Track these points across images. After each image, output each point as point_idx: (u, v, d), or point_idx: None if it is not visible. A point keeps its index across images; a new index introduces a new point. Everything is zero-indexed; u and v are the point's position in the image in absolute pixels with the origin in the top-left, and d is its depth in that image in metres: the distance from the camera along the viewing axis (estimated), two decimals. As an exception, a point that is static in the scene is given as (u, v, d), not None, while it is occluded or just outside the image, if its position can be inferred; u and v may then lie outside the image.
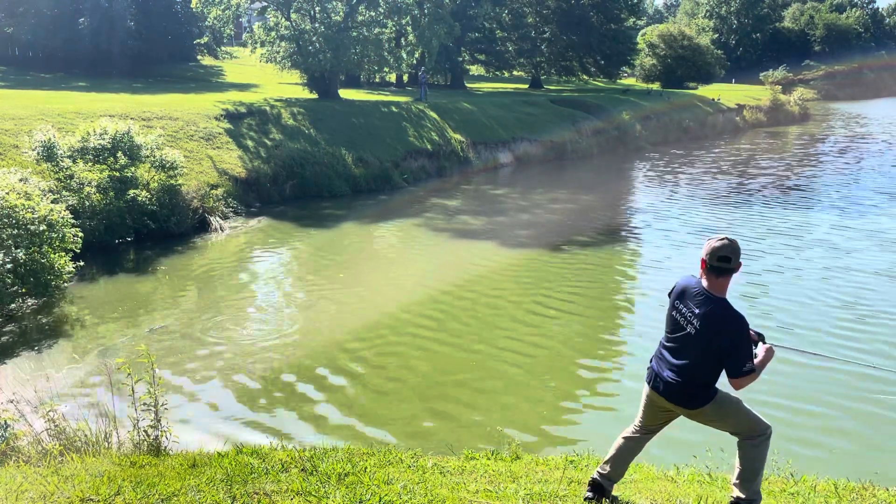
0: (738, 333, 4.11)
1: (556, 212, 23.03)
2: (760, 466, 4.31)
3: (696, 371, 4.24)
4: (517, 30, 54.81)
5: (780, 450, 6.94)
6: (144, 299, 14.08)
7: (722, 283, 4.19)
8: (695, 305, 4.21)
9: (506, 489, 5.00)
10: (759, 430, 4.30)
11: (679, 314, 4.31)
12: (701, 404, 4.28)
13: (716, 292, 4.19)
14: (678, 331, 4.32)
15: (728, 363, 4.12)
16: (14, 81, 34.39)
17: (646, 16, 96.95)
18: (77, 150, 17.63)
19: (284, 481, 4.86)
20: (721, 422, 4.36)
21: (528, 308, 13.27)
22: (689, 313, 4.24)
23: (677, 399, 4.34)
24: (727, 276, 4.18)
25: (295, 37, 33.82)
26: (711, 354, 4.16)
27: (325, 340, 11.72)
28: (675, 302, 4.37)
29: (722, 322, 4.12)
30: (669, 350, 4.39)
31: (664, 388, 4.37)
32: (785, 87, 69.23)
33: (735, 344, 4.10)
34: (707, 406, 4.27)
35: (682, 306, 4.29)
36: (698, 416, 4.37)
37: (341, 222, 21.38)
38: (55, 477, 4.77)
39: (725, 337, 4.11)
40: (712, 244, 4.19)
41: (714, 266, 4.16)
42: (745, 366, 4.09)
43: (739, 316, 4.13)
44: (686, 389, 4.29)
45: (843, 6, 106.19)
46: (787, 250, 17.18)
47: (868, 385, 9.83)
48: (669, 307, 4.43)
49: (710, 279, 4.20)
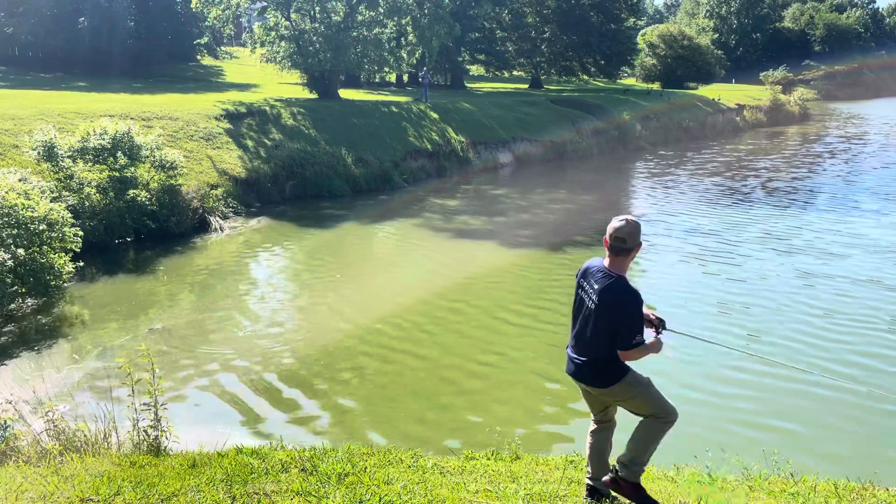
0: (631, 308, 4.33)
1: (556, 212, 23.03)
2: (653, 449, 4.51)
3: (600, 345, 4.41)
4: (517, 30, 54.79)
5: (781, 450, 6.94)
6: (144, 299, 14.07)
7: (620, 261, 4.43)
8: (595, 282, 4.45)
9: (506, 489, 5.00)
10: (665, 413, 4.46)
11: (583, 291, 4.54)
12: (610, 383, 4.44)
13: (615, 269, 4.43)
14: (581, 307, 4.54)
15: (618, 335, 4.33)
16: (14, 81, 34.40)
17: (646, 16, 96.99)
18: (77, 150, 17.63)
19: (284, 481, 4.85)
20: (630, 402, 4.52)
21: (527, 308, 13.26)
22: (590, 289, 4.47)
23: (586, 378, 4.52)
24: (625, 255, 4.42)
25: (295, 37, 33.82)
26: (609, 328, 4.36)
27: (325, 340, 11.71)
28: (580, 280, 4.60)
29: (618, 295, 4.34)
30: (575, 329, 4.59)
31: (575, 370, 4.58)
32: (785, 87, 69.19)
33: (627, 317, 4.32)
34: (616, 385, 4.43)
35: (586, 283, 4.53)
36: (609, 396, 4.53)
37: (341, 222, 21.38)
38: (55, 477, 4.77)
39: (619, 311, 4.33)
40: (613, 224, 4.44)
41: (612, 245, 4.42)
42: (634, 339, 4.31)
43: (634, 292, 4.36)
44: (593, 367, 4.47)
45: (843, 6, 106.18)
46: (775, 253, 17.06)
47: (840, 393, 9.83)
48: (576, 287, 4.64)
49: (610, 257, 4.46)
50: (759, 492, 5.26)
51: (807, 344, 11.31)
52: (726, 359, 10.77)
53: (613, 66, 57.26)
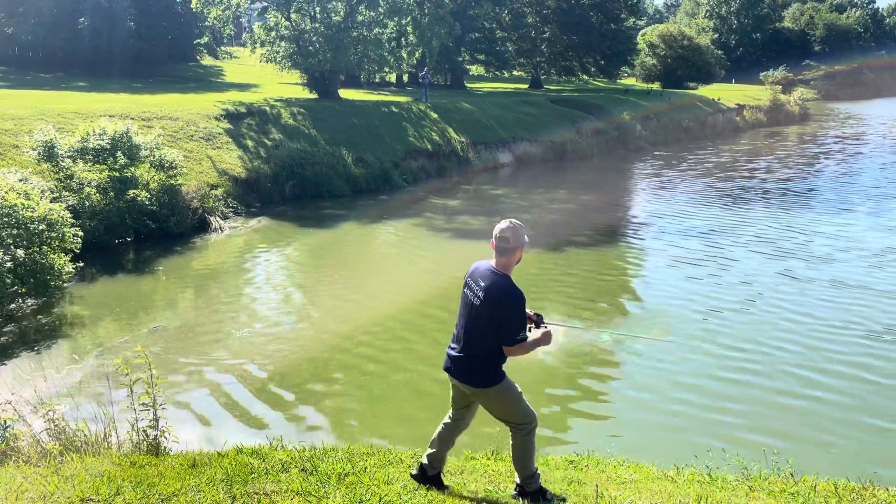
0: (514, 306, 4.52)
1: (556, 212, 23.03)
2: (532, 452, 4.72)
3: (482, 342, 4.57)
4: (517, 30, 54.78)
5: (781, 449, 6.94)
6: (144, 299, 14.07)
7: (504, 261, 4.64)
8: (481, 279, 4.64)
9: (506, 489, 5.00)
10: (527, 420, 4.69)
11: (469, 289, 4.71)
12: (486, 385, 4.61)
13: (500, 269, 4.63)
14: (466, 305, 4.70)
15: (503, 331, 4.51)
16: (14, 81, 34.39)
17: (646, 16, 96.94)
18: (77, 150, 17.62)
19: (284, 481, 4.85)
20: (500, 408, 4.70)
21: (527, 308, 13.25)
22: (476, 287, 4.65)
23: (462, 376, 4.68)
24: (509, 255, 4.62)
25: (295, 37, 33.82)
26: (491, 323, 4.52)
27: (325, 340, 11.71)
28: (467, 279, 4.76)
29: (502, 293, 4.52)
30: (459, 327, 4.74)
31: (452, 366, 4.73)
32: (785, 87, 69.18)
33: (510, 314, 4.50)
34: (491, 388, 4.61)
35: (472, 282, 4.70)
36: (481, 398, 4.69)
37: (341, 222, 21.38)
38: (55, 477, 4.77)
39: (503, 307, 4.50)
40: (498, 226, 4.67)
41: (497, 245, 4.64)
42: (518, 335, 4.51)
43: (517, 291, 4.56)
44: (471, 365, 4.62)
45: (843, 6, 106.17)
46: (763, 257, 16.93)
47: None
48: (463, 286, 4.79)
49: (496, 257, 4.67)
50: (759, 492, 5.26)
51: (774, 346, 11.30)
52: (727, 360, 10.77)
53: (613, 66, 57.25)
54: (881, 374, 10.23)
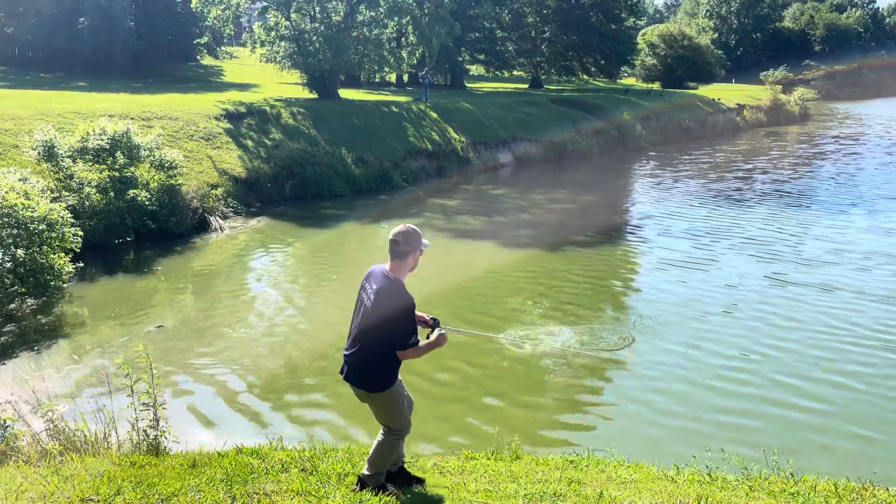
0: (403, 310, 4.56)
1: (556, 212, 23.02)
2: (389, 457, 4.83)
3: (373, 345, 4.62)
4: (517, 30, 54.77)
5: (781, 449, 6.94)
6: (144, 299, 14.07)
7: (397, 264, 4.68)
8: (374, 283, 4.71)
9: (506, 489, 5.01)
10: (401, 429, 4.79)
11: (363, 291, 4.78)
12: (377, 390, 4.67)
13: (393, 273, 4.68)
14: (360, 307, 4.77)
15: (394, 336, 4.57)
16: (14, 81, 34.40)
17: (646, 16, 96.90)
18: (77, 150, 17.62)
19: (284, 481, 4.86)
20: (383, 411, 4.78)
21: (527, 308, 13.27)
22: (369, 289, 4.72)
23: (354, 379, 4.73)
24: (400, 259, 4.67)
25: (295, 37, 33.82)
26: (382, 327, 4.57)
27: (325, 340, 11.71)
28: (363, 282, 4.83)
29: (391, 297, 4.57)
30: (353, 329, 4.78)
31: (346, 371, 4.77)
32: (785, 87, 69.19)
33: (400, 318, 4.55)
34: (381, 393, 4.67)
35: (367, 284, 4.78)
36: (370, 401, 4.76)
37: (341, 222, 21.37)
38: (55, 477, 4.77)
39: (393, 312, 4.55)
40: (393, 229, 4.73)
41: (390, 249, 4.69)
42: (409, 339, 4.56)
43: (407, 296, 4.59)
44: (361, 369, 4.67)
45: (844, 6, 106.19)
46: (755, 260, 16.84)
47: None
48: (359, 289, 4.86)
49: (390, 261, 4.72)
50: (759, 492, 5.26)
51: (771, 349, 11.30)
52: (726, 360, 10.78)
53: (613, 65, 57.24)
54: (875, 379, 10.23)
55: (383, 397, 4.68)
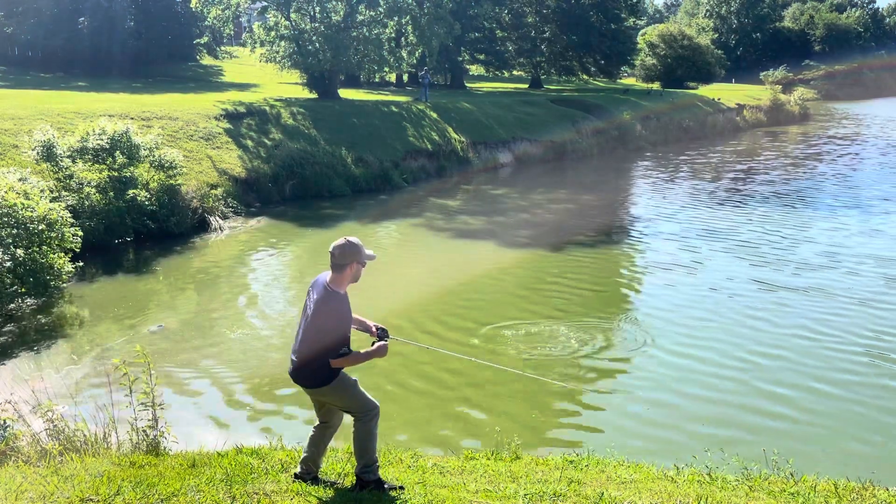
0: (334, 321, 4.71)
1: (556, 212, 23.02)
2: (371, 441, 4.87)
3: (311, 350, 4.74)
4: (517, 30, 54.77)
5: (781, 450, 6.94)
6: (144, 299, 14.06)
7: (336, 277, 4.81)
8: (315, 293, 4.84)
9: (506, 489, 5.00)
10: (366, 410, 4.83)
11: (308, 299, 4.90)
12: (320, 384, 4.77)
13: (333, 285, 4.80)
14: (303, 313, 4.90)
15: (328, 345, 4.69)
16: (14, 81, 34.38)
17: (646, 16, 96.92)
18: (76, 150, 17.61)
19: (284, 481, 4.85)
20: (339, 401, 4.88)
21: (527, 308, 13.26)
22: (310, 300, 4.85)
23: (299, 379, 4.84)
24: (339, 272, 4.79)
25: (295, 37, 33.82)
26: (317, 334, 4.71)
27: (324, 340, 11.69)
28: (309, 290, 4.96)
29: (325, 309, 4.71)
30: (297, 335, 4.91)
31: (292, 371, 4.89)
32: (785, 86, 69.20)
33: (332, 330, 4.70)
34: (326, 387, 4.76)
35: (311, 292, 4.90)
36: (321, 395, 4.86)
37: (341, 222, 21.37)
38: (55, 477, 4.76)
39: (326, 322, 4.70)
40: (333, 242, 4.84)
41: (330, 261, 4.81)
42: (340, 349, 4.69)
43: (342, 309, 4.75)
44: (304, 369, 4.79)
45: (843, 6, 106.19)
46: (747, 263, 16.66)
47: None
48: (306, 296, 4.98)
49: (331, 273, 4.85)
50: (759, 492, 5.25)
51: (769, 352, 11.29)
52: (726, 360, 10.78)
53: (613, 65, 57.23)
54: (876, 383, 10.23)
55: (333, 388, 4.78)
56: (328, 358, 4.68)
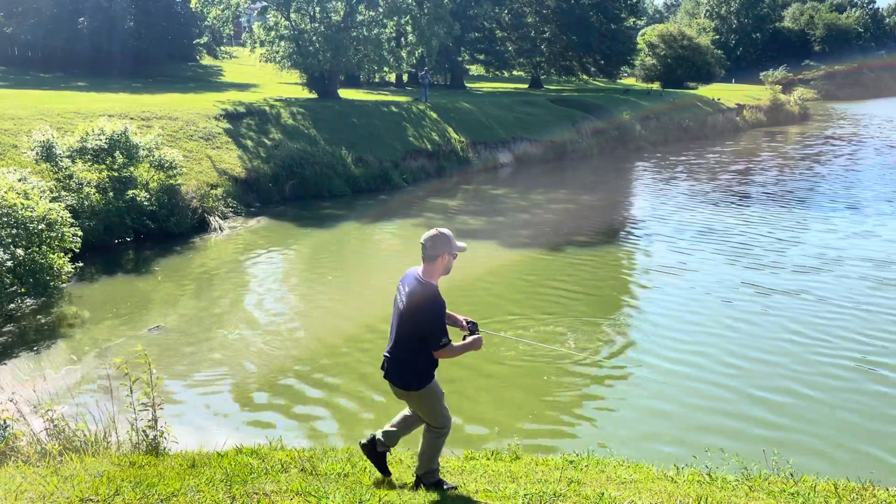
0: (432, 312, 4.67)
1: (555, 212, 23.02)
2: (437, 454, 4.98)
3: (406, 346, 4.75)
4: (517, 30, 54.76)
5: (780, 450, 6.94)
6: (143, 299, 14.06)
7: (428, 268, 4.78)
8: (406, 286, 4.81)
9: (506, 489, 5.00)
10: (442, 426, 4.90)
11: (398, 293, 4.88)
12: (413, 388, 4.78)
13: (425, 276, 4.77)
14: (395, 309, 4.89)
15: (427, 337, 4.67)
16: (14, 81, 34.38)
17: (646, 16, 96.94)
18: (76, 150, 17.61)
19: (284, 481, 4.85)
20: (420, 409, 4.91)
21: (527, 308, 13.26)
22: (402, 292, 4.83)
23: (392, 377, 4.84)
24: (430, 263, 4.77)
25: (294, 37, 33.81)
26: (414, 328, 4.69)
27: (324, 340, 11.71)
28: (399, 285, 4.92)
29: (421, 300, 4.68)
30: (391, 330, 4.91)
31: (386, 369, 4.88)
32: (785, 87, 69.21)
33: (430, 321, 4.65)
34: (415, 392, 4.79)
35: (401, 287, 4.88)
36: (408, 399, 4.88)
37: (341, 222, 21.37)
38: (55, 477, 4.76)
39: (423, 314, 4.66)
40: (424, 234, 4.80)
41: (422, 253, 4.78)
42: (440, 340, 4.65)
43: (437, 299, 4.71)
44: (398, 367, 4.80)
45: (843, 6, 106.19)
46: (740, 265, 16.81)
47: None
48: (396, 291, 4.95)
49: (422, 265, 4.82)
50: (759, 492, 5.25)
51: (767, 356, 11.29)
52: (726, 358, 10.78)
53: (613, 66, 57.23)
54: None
55: (420, 395, 4.80)
56: (429, 350, 4.68)
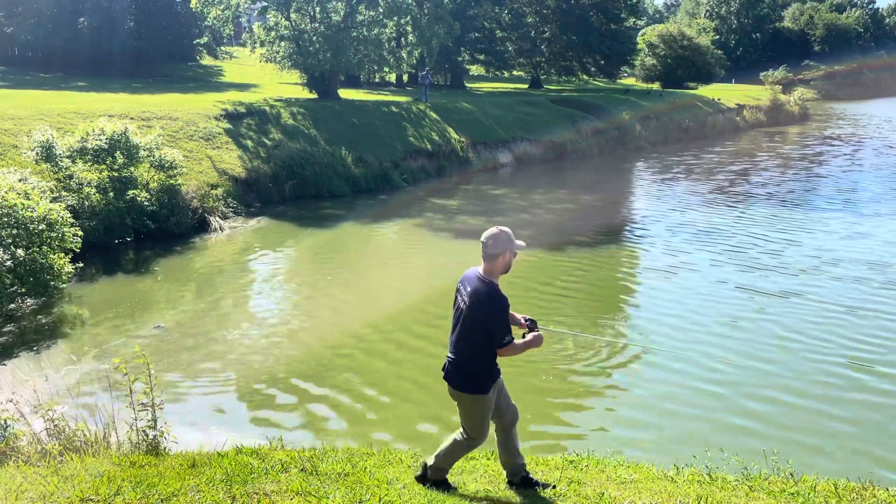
0: (496, 310, 4.68)
1: (556, 212, 23.03)
2: (455, 459, 5.06)
3: (468, 346, 4.77)
4: (517, 30, 54.75)
5: (781, 449, 6.94)
6: (144, 300, 14.07)
7: (489, 266, 4.77)
8: (468, 285, 4.82)
9: (506, 489, 5.00)
10: (477, 437, 4.91)
11: (459, 294, 4.91)
12: (465, 391, 4.80)
13: (486, 275, 4.77)
14: (456, 310, 4.91)
15: (491, 335, 4.69)
16: (14, 81, 34.37)
17: (646, 16, 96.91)
18: (76, 150, 17.61)
19: (284, 481, 4.85)
20: (465, 413, 4.91)
21: (527, 308, 13.26)
22: (464, 291, 4.84)
23: (451, 379, 4.86)
24: (491, 261, 4.75)
25: (295, 37, 33.81)
26: (478, 327, 4.71)
27: (325, 340, 11.71)
28: (458, 285, 4.95)
29: (484, 298, 4.68)
30: (453, 332, 4.94)
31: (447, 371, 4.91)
32: (785, 87, 69.21)
33: (494, 319, 4.67)
34: (469, 395, 4.80)
35: (462, 287, 4.90)
36: (459, 399, 4.89)
37: (341, 222, 21.37)
38: (55, 477, 4.76)
39: (487, 312, 4.67)
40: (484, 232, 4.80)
41: (482, 252, 4.78)
42: (504, 338, 4.67)
43: (501, 296, 4.71)
44: (457, 368, 4.81)
45: (843, 6, 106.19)
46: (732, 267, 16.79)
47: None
48: (455, 291, 4.99)
49: (483, 263, 4.81)
50: (759, 492, 5.25)
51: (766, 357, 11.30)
52: (726, 357, 10.78)
53: (613, 66, 57.20)
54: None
55: (473, 401, 4.80)
56: (493, 350, 4.69)
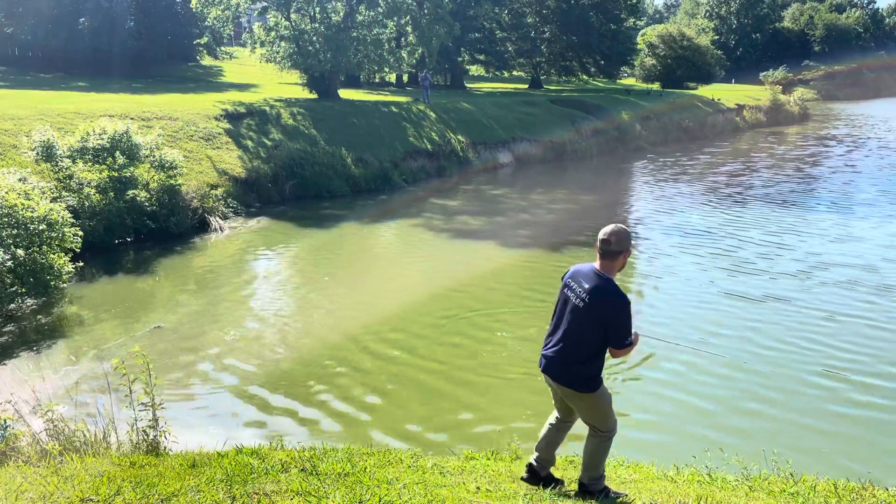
0: (621, 308, 4.55)
1: (555, 212, 23.03)
2: (603, 458, 4.88)
3: (582, 344, 4.64)
4: (517, 30, 54.76)
5: (781, 450, 6.95)
6: (144, 300, 14.07)
7: (607, 264, 4.67)
8: (584, 281, 4.67)
9: (506, 489, 5.00)
10: (609, 429, 4.81)
11: (570, 291, 4.75)
12: (584, 391, 4.69)
13: (604, 272, 4.66)
14: (569, 307, 4.73)
15: (611, 335, 4.58)
16: (14, 81, 34.38)
17: (646, 16, 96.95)
18: (76, 150, 17.62)
19: (284, 481, 4.85)
20: (588, 411, 4.81)
21: (527, 308, 13.26)
22: (579, 289, 4.68)
23: (563, 379, 4.74)
24: (611, 259, 4.66)
25: (295, 37, 33.82)
26: (596, 326, 4.57)
27: (325, 340, 11.71)
28: (568, 281, 4.81)
29: (608, 295, 4.57)
30: (557, 328, 4.81)
31: (548, 365, 4.81)
32: (785, 87, 69.23)
33: (618, 317, 4.55)
34: (588, 395, 4.70)
35: (574, 283, 4.74)
36: (575, 400, 4.78)
37: (341, 222, 21.37)
38: (55, 477, 4.76)
39: (610, 310, 4.55)
40: (603, 230, 4.70)
41: (601, 249, 4.67)
42: (626, 339, 4.58)
43: (623, 294, 4.59)
44: (568, 367, 4.69)
45: (843, 6, 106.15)
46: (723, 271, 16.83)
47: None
48: (561, 288, 4.86)
49: (600, 260, 4.70)
50: (759, 492, 5.26)
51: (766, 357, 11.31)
52: (724, 364, 10.79)
53: (613, 66, 57.21)
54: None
55: (594, 398, 4.71)
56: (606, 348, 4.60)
